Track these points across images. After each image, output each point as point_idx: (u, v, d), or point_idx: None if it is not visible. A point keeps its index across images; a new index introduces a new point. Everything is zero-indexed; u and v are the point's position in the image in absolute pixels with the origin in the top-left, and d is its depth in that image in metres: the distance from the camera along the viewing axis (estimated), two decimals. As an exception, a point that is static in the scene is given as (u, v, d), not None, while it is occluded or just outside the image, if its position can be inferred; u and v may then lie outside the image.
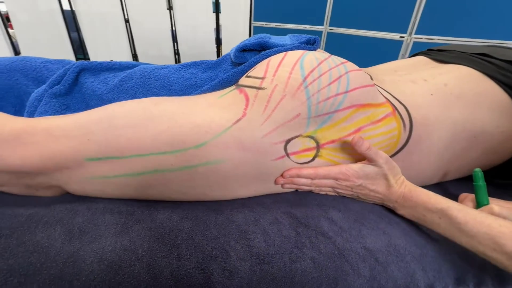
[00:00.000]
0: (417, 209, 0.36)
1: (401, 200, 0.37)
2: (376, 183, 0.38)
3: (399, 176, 0.38)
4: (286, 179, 0.38)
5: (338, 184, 0.39)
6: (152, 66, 0.52)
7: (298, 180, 0.38)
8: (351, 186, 0.38)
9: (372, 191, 0.38)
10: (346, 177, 0.38)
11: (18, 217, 0.31)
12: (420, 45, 1.32)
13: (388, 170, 0.37)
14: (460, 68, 0.46)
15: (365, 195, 0.39)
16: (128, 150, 0.32)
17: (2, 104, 0.51)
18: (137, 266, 0.28)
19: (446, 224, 0.33)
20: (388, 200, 0.38)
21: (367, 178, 0.37)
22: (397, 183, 0.37)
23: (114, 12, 1.83)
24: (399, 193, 0.37)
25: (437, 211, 0.34)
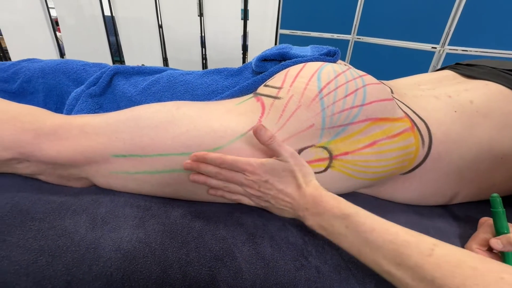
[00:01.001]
0: (325, 217, 0.30)
1: (311, 206, 0.32)
2: (284, 181, 0.33)
3: (311, 178, 0.34)
4: (193, 162, 0.34)
5: (245, 179, 0.34)
6: (178, 72, 0.56)
7: (205, 167, 0.34)
8: (258, 182, 0.34)
9: (280, 192, 0.33)
10: (253, 168, 0.33)
11: (51, 204, 0.34)
12: (454, 57, 1.26)
13: (295, 165, 0.33)
14: (489, 84, 0.44)
15: (274, 199, 0.34)
16: (150, 149, 0.35)
17: (47, 101, 0.57)
18: (149, 258, 0.30)
19: (353, 235, 0.28)
20: (297, 207, 0.33)
21: (273, 174, 0.33)
22: (307, 185, 0.33)
23: (149, 18, 1.95)
24: (308, 196, 0.32)
25: (344, 218, 0.29)
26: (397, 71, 1.43)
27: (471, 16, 1.20)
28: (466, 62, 0.53)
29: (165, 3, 1.91)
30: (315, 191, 0.32)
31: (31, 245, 0.30)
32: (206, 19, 1.98)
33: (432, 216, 0.42)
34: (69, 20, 1.86)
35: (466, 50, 1.24)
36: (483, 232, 0.34)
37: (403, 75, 0.56)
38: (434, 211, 0.43)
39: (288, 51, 0.47)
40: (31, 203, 0.34)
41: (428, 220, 0.41)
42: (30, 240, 0.30)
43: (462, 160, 0.40)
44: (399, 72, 0.76)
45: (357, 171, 0.38)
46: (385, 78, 0.53)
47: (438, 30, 1.29)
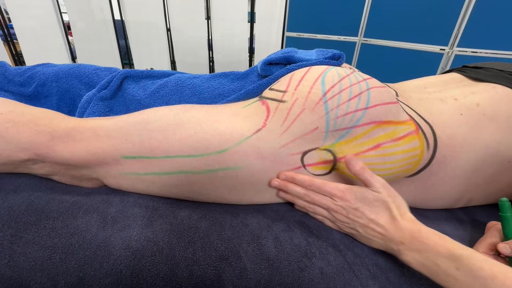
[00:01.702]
0: (428, 255, 0.29)
1: (408, 241, 0.30)
2: (376, 212, 0.33)
3: (405, 210, 0.33)
4: (281, 181, 0.36)
5: (334, 203, 0.35)
6: (186, 75, 0.57)
7: (293, 187, 0.36)
8: (347, 208, 0.34)
9: (372, 222, 0.33)
10: (342, 194, 0.34)
11: (64, 203, 0.36)
12: (463, 59, 1.24)
13: (388, 197, 0.32)
14: (497, 87, 0.43)
15: (363, 228, 0.34)
16: (158, 151, 0.36)
17: (60, 104, 0.59)
18: (157, 256, 0.31)
19: (467, 278, 0.26)
20: (390, 239, 0.32)
21: (365, 202, 0.33)
22: (403, 217, 0.32)
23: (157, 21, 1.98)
24: (405, 230, 0.31)
25: (454, 259, 0.27)
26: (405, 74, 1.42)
27: (481, 16, 1.18)
28: (473, 64, 0.53)
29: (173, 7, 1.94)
30: (413, 225, 0.31)
31: (45, 242, 0.31)
32: (213, 22, 2.01)
33: (438, 219, 0.42)
34: (80, 25, 1.91)
35: (475, 51, 1.22)
36: (490, 237, 0.34)
37: (411, 78, 0.56)
38: (439, 214, 0.43)
39: (293, 55, 0.48)
40: (45, 202, 0.35)
41: (433, 224, 0.40)
42: (45, 238, 0.32)
43: (468, 163, 0.39)
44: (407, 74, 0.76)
45: (361, 173, 0.38)
46: (393, 81, 0.53)
47: (446, 31, 1.28)
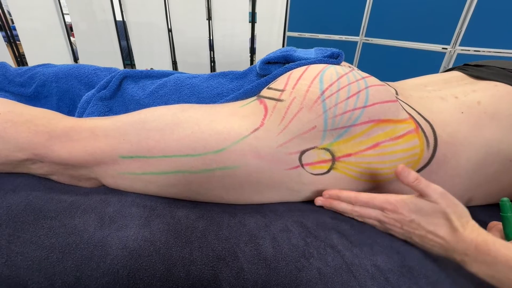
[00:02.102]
0: (497, 268, 0.27)
1: (473, 253, 0.29)
2: (435, 223, 0.31)
3: (467, 219, 0.31)
4: (325, 199, 0.37)
5: (385, 216, 0.34)
6: (185, 75, 0.57)
7: (338, 204, 0.37)
8: (401, 221, 0.33)
9: (430, 233, 0.31)
10: (394, 208, 0.32)
11: (62, 203, 0.36)
12: (466, 58, 1.23)
13: (448, 207, 0.30)
14: (498, 85, 0.43)
15: (420, 238, 0.32)
16: (155, 150, 0.36)
17: (60, 105, 0.59)
18: (154, 256, 0.31)
19: None
20: (453, 250, 0.30)
21: (421, 214, 0.31)
22: (465, 228, 0.30)
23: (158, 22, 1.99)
24: (469, 242, 0.29)
25: None
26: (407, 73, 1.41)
27: (483, 15, 1.17)
28: (475, 63, 0.52)
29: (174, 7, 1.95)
30: (477, 236, 0.29)
31: (43, 242, 0.31)
32: (214, 22, 2.01)
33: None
34: (82, 26, 1.92)
35: (478, 50, 1.21)
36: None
37: (413, 77, 0.55)
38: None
39: (292, 53, 0.48)
40: (43, 202, 0.35)
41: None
42: (42, 237, 0.32)
43: (469, 163, 0.39)
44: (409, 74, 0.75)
45: (360, 173, 0.38)
46: (394, 80, 0.53)
47: (448, 30, 1.27)
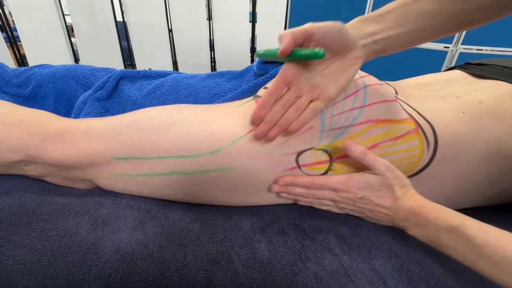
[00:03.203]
0: (429, 228, 0.30)
1: (411, 217, 0.31)
2: (381, 196, 0.33)
3: (408, 188, 0.33)
4: (281, 186, 0.36)
5: (338, 196, 0.35)
6: (182, 75, 0.57)
7: (294, 189, 0.36)
8: (353, 199, 0.34)
9: (378, 206, 0.34)
10: (346, 187, 0.34)
11: (55, 205, 0.35)
12: (468, 57, 1.22)
13: (393, 179, 0.32)
14: (500, 84, 0.42)
15: (371, 212, 0.35)
16: (150, 151, 0.35)
17: (57, 105, 0.59)
18: (147, 260, 0.30)
19: (464, 248, 0.27)
20: (397, 218, 0.33)
21: (370, 190, 0.33)
22: (405, 196, 0.32)
23: (159, 23, 1.99)
24: (407, 208, 0.32)
25: (451, 231, 0.28)
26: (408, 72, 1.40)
27: (486, 13, 1.16)
28: (477, 61, 0.51)
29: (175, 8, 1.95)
30: (414, 201, 0.32)
31: (34, 245, 0.31)
32: (215, 22, 2.01)
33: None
34: (83, 27, 1.93)
35: (480, 49, 1.19)
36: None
37: (414, 75, 0.54)
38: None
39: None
40: (36, 204, 0.35)
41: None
42: (34, 240, 0.31)
43: (470, 163, 0.38)
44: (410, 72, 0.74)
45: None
46: (395, 79, 0.52)
47: (451, 28, 1.25)
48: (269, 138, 0.33)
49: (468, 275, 0.31)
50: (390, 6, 0.30)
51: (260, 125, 0.32)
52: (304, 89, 0.31)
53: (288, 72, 0.30)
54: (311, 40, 0.29)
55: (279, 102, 0.31)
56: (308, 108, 0.32)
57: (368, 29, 0.30)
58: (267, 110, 0.31)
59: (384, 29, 0.30)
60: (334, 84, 0.31)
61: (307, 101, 0.32)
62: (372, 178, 0.33)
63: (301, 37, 0.28)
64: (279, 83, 0.30)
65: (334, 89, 0.32)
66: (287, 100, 0.31)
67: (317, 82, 0.31)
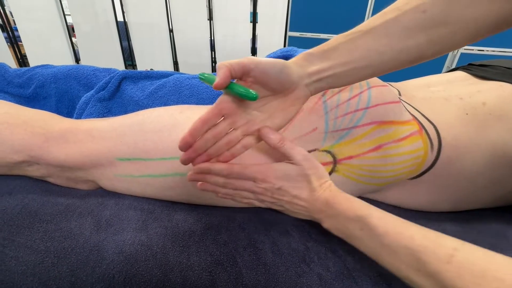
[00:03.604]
0: (339, 219, 0.29)
1: (325, 209, 0.30)
2: (298, 187, 0.32)
3: (324, 179, 0.32)
4: (196, 174, 0.33)
5: (257, 187, 0.33)
6: (184, 76, 0.57)
7: (210, 177, 0.33)
8: (271, 189, 0.32)
9: (295, 197, 0.32)
10: (264, 176, 0.32)
11: (58, 206, 0.35)
12: (469, 57, 1.22)
13: (309, 169, 0.31)
14: (503, 86, 0.42)
15: (289, 204, 0.33)
16: (153, 152, 0.35)
17: (59, 106, 0.59)
18: (151, 261, 0.30)
19: (368, 238, 0.26)
20: (313, 210, 0.31)
21: (287, 180, 0.32)
22: (322, 187, 0.31)
23: (160, 23, 1.98)
24: (322, 199, 0.30)
25: (358, 220, 0.27)
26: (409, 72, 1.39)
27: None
28: (479, 62, 0.51)
29: (175, 8, 1.95)
30: (329, 193, 0.31)
31: (38, 246, 0.31)
32: (216, 22, 2.01)
33: (443, 222, 0.40)
34: (84, 27, 1.92)
35: (482, 49, 1.19)
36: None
37: (415, 77, 0.54)
38: (444, 218, 0.41)
39: (293, 54, 0.47)
40: (39, 205, 0.35)
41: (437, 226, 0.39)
42: (37, 241, 0.31)
43: (474, 165, 0.38)
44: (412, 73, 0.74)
45: (362, 175, 0.37)
46: (397, 80, 0.51)
47: (452, 29, 1.25)
48: (194, 165, 0.31)
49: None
50: (338, 41, 0.28)
51: (187, 151, 0.29)
52: (239, 122, 0.30)
53: (224, 105, 0.28)
54: (248, 75, 0.27)
55: (211, 132, 0.29)
56: (241, 143, 0.31)
57: (313, 67, 0.28)
58: (195, 138, 0.29)
59: (330, 67, 0.28)
60: (271, 122, 0.30)
61: (240, 135, 0.30)
62: (290, 167, 0.31)
63: (239, 71, 0.26)
64: (213, 113, 0.28)
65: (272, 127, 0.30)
66: (220, 131, 0.29)
67: (254, 118, 0.30)
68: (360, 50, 0.27)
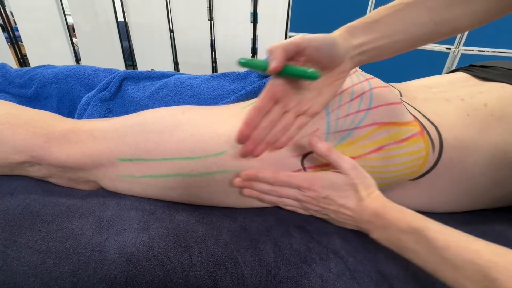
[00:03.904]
0: (390, 231, 0.28)
1: (374, 219, 0.30)
2: (345, 196, 0.32)
3: (372, 189, 0.32)
4: (244, 181, 0.34)
5: (302, 195, 0.33)
6: (185, 76, 0.57)
7: (257, 185, 0.34)
8: (317, 198, 0.33)
9: (342, 207, 0.32)
10: (310, 185, 0.32)
11: (60, 206, 0.35)
12: (469, 58, 1.22)
13: (357, 178, 0.31)
14: (505, 87, 0.42)
15: (335, 213, 0.33)
16: (155, 153, 0.35)
17: (60, 106, 0.59)
18: (152, 261, 0.30)
19: (425, 251, 0.25)
20: (360, 220, 0.31)
21: (334, 189, 0.32)
22: (369, 197, 0.31)
23: (160, 23, 1.98)
24: (371, 210, 0.30)
25: (412, 233, 0.26)
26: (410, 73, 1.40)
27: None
28: (480, 63, 0.51)
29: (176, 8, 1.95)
30: (377, 203, 0.30)
31: (39, 246, 0.31)
32: (216, 23, 2.01)
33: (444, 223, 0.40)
34: (84, 27, 1.92)
35: (482, 50, 1.19)
36: None
37: (416, 78, 0.54)
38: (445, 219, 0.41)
39: (294, 54, 0.47)
40: (41, 205, 0.35)
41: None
42: (39, 242, 0.31)
43: (475, 166, 0.38)
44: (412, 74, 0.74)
45: (363, 176, 0.37)
46: (398, 81, 0.52)
47: (452, 30, 1.25)
48: (255, 155, 0.31)
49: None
50: (379, 13, 0.28)
51: (246, 144, 0.29)
52: (291, 104, 0.30)
53: (277, 88, 0.28)
54: (302, 54, 0.27)
55: (267, 119, 0.29)
56: (295, 124, 0.31)
57: (357, 40, 0.29)
58: (252, 128, 0.28)
59: (372, 40, 0.29)
60: (320, 99, 0.30)
61: (293, 116, 0.30)
62: (337, 176, 0.32)
63: (293, 51, 0.26)
64: (267, 99, 0.28)
65: (320, 104, 0.31)
66: (275, 117, 0.29)
67: (304, 97, 0.30)
68: (401, 23, 0.28)
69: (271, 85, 0.28)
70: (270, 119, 0.29)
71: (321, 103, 0.30)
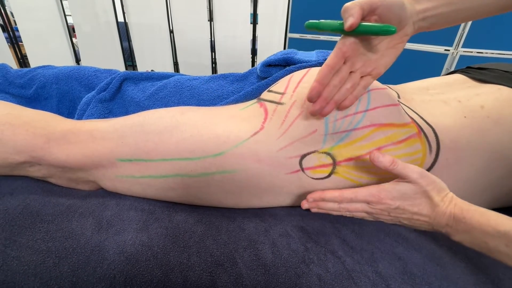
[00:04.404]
0: (474, 234, 0.29)
1: (453, 223, 0.30)
2: (418, 204, 0.32)
3: (445, 192, 0.32)
4: (310, 202, 0.37)
5: (371, 208, 0.34)
6: (185, 77, 0.57)
7: (324, 204, 0.36)
8: (387, 209, 0.33)
9: (416, 214, 0.33)
10: (378, 199, 0.33)
11: (59, 206, 0.35)
12: (468, 60, 1.22)
13: (428, 185, 0.31)
14: (502, 89, 0.42)
15: (408, 220, 0.34)
16: (154, 153, 0.36)
17: (60, 106, 0.59)
18: (151, 261, 0.31)
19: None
20: (437, 225, 0.32)
21: (404, 199, 0.32)
22: (444, 202, 0.31)
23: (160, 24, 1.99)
24: (448, 214, 0.30)
25: (501, 236, 0.26)
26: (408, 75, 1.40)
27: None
28: (478, 65, 0.51)
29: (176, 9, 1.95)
30: (454, 207, 0.30)
31: (39, 246, 0.31)
32: (216, 23, 2.01)
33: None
34: (84, 27, 1.93)
35: (481, 52, 1.20)
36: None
37: (415, 79, 0.55)
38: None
39: (293, 56, 0.48)
40: (41, 205, 0.35)
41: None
42: (39, 242, 0.31)
43: (472, 168, 0.38)
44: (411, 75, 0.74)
45: (361, 177, 0.37)
46: (397, 82, 0.52)
47: (451, 31, 1.26)
48: (324, 114, 0.32)
49: (471, 278, 0.31)
50: None
51: (317, 101, 0.31)
52: (357, 64, 0.31)
53: (349, 47, 0.29)
54: (374, 13, 0.28)
55: (337, 77, 0.30)
56: (361, 84, 0.32)
57: (421, 5, 0.30)
58: (324, 86, 0.30)
59: (436, 6, 0.30)
60: (384, 61, 0.32)
61: (359, 76, 0.32)
62: (405, 186, 0.32)
63: (367, 10, 0.27)
64: (338, 57, 0.29)
65: (383, 66, 0.32)
66: (344, 76, 0.31)
67: (370, 58, 0.31)
68: None
69: (342, 44, 0.29)
70: (340, 77, 0.30)
71: (385, 65, 0.32)
